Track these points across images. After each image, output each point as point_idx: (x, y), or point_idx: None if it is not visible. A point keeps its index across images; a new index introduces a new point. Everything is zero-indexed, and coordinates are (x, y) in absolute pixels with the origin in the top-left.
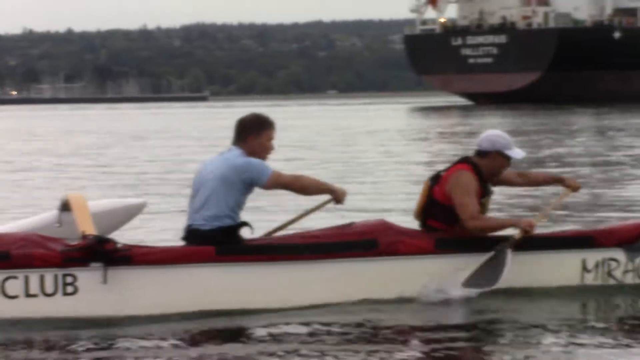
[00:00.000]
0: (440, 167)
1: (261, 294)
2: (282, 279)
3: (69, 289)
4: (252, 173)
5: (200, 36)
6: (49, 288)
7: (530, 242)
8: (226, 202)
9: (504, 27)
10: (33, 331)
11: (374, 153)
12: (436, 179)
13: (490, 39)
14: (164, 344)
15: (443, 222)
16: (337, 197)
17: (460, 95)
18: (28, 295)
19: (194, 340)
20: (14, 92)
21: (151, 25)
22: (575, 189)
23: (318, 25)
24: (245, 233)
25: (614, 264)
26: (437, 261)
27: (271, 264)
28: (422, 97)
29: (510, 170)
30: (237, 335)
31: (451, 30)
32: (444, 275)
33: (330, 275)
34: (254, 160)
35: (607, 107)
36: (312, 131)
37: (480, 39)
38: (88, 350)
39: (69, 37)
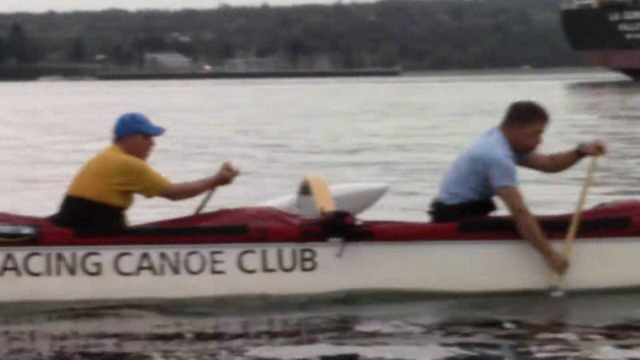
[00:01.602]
0: None
1: (507, 274)
2: (527, 258)
3: (308, 264)
4: (492, 172)
5: (394, 11)
6: (288, 263)
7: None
8: (467, 182)
9: None
10: (272, 307)
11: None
12: None
13: None
14: (403, 323)
15: None
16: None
17: (619, 72)
18: (266, 270)
19: (430, 317)
20: (208, 67)
21: (346, 0)
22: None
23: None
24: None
25: None
26: None
27: (516, 242)
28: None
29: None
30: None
31: (608, 5)
32: None
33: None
34: (503, 164)
35: None
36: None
37: (637, 15)
38: (324, 330)
39: (264, 12)
